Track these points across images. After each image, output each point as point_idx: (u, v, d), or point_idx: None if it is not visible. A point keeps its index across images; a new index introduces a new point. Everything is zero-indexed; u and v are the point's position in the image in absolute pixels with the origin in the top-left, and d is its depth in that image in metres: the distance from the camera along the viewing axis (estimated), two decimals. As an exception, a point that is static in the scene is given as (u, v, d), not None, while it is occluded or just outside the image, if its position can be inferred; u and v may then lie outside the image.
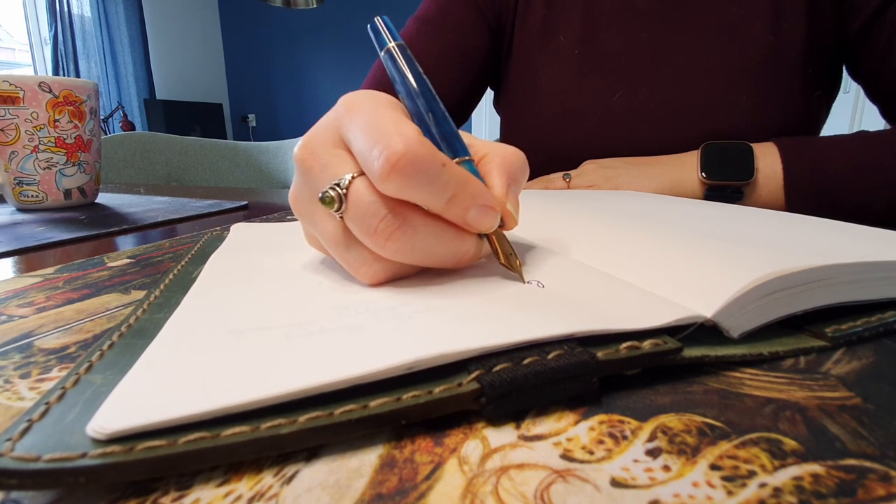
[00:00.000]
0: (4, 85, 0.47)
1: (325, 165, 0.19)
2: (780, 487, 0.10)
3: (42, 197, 0.51)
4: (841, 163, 0.41)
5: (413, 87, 0.21)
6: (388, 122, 0.18)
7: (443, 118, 0.21)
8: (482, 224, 0.19)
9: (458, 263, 0.20)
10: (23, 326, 0.20)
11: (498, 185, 0.20)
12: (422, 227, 0.18)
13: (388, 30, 0.23)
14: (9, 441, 0.11)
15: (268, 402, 0.12)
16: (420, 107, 0.21)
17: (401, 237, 0.18)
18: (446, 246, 0.19)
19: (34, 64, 2.79)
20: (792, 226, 0.24)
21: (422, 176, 0.17)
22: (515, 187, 0.20)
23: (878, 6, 0.44)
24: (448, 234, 0.19)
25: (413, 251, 0.18)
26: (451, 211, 0.18)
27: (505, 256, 0.20)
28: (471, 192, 0.18)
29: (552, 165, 0.53)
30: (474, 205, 0.18)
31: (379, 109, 0.19)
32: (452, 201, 0.18)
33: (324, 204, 0.18)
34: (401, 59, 0.22)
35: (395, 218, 0.18)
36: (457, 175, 0.18)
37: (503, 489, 0.11)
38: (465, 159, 0.20)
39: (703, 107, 0.49)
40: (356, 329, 0.15)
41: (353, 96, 0.20)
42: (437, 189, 0.17)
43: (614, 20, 0.53)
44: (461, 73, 0.57)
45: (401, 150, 0.16)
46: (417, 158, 0.17)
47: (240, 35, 3.63)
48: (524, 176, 0.21)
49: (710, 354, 0.15)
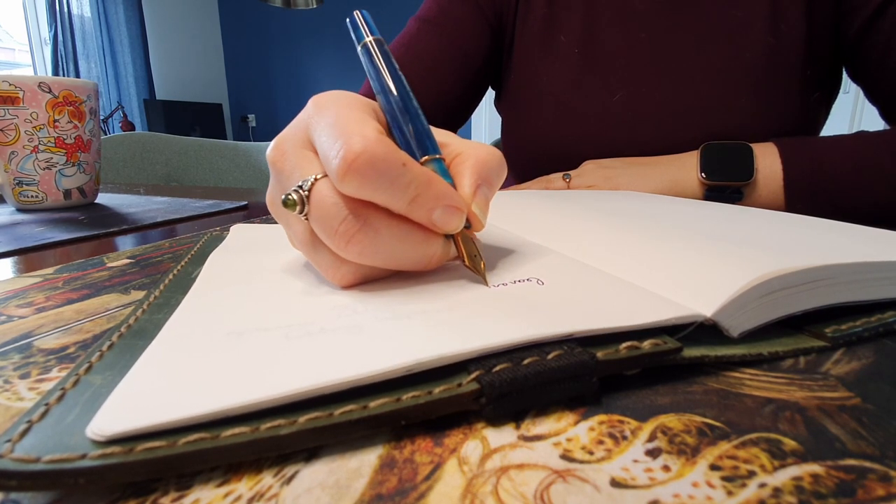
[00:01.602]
0: (4, 85, 0.47)
1: (293, 166, 0.19)
2: (779, 487, 0.10)
3: (42, 197, 0.51)
4: (841, 163, 0.41)
5: (387, 83, 0.21)
6: (349, 121, 0.17)
7: (415, 115, 0.20)
8: (447, 225, 0.18)
9: (426, 265, 0.19)
10: (22, 327, 0.20)
11: (466, 185, 0.19)
12: (384, 229, 0.18)
13: (367, 24, 0.23)
14: (8, 442, 0.11)
15: (268, 404, 0.12)
16: (393, 103, 0.20)
17: (362, 239, 0.17)
18: (411, 248, 0.18)
19: (34, 64, 2.79)
20: (792, 226, 0.24)
21: (381, 176, 0.17)
22: (486, 188, 0.20)
23: (877, 8, 0.44)
24: (413, 236, 0.18)
25: (377, 253, 0.18)
26: (416, 212, 0.18)
27: (469, 258, 0.19)
28: (434, 192, 0.18)
29: (552, 165, 0.53)
30: (439, 205, 0.18)
31: (344, 109, 0.18)
32: (416, 202, 0.17)
33: (286, 206, 0.18)
34: (377, 54, 0.22)
35: (356, 220, 0.17)
36: (419, 175, 0.17)
37: (503, 489, 0.11)
38: (435, 158, 0.20)
39: (702, 108, 0.49)
40: (355, 329, 0.15)
41: (322, 96, 0.20)
42: (398, 189, 0.17)
43: (614, 21, 0.53)
44: (462, 73, 0.57)
45: (358, 150, 0.16)
46: (375, 158, 0.16)
47: (240, 35, 3.63)
48: (498, 177, 0.21)
49: (709, 354, 0.15)
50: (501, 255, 0.23)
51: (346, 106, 0.19)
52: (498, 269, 0.21)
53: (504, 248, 0.24)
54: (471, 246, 0.19)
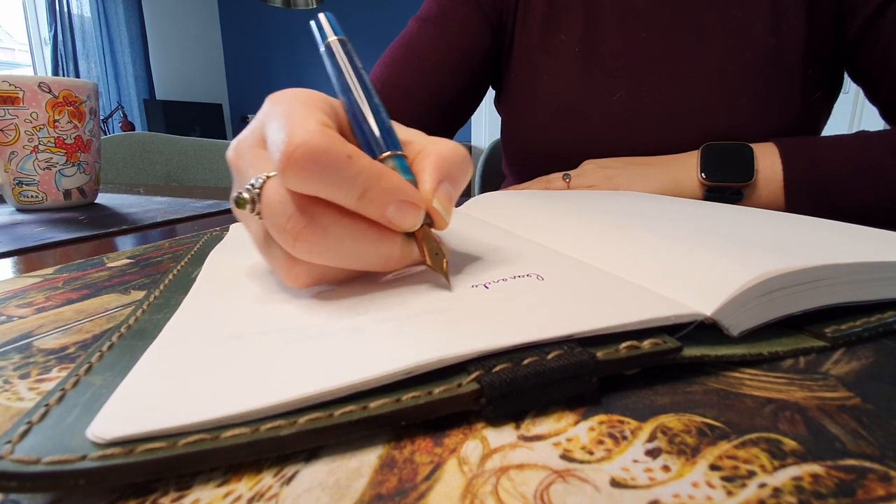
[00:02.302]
0: (4, 85, 0.47)
1: (248, 165, 0.19)
2: (779, 488, 0.10)
3: (42, 197, 0.51)
4: (841, 164, 0.41)
5: (348, 80, 0.21)
6: (295, 115, 0.17)
7: (376, 111, 0.20)
8: (403, 222, 0.18)
9: (384, 266, 0.19)
10: (22, 327, 0.20)
11: (427, 180, 0.19)
12: (334, 227, 0.17)
13: (331, 25, 0.23)
14: (8, 443, 0.11)
15: (268, 411, 0.12)
16: (354, 101, 0.20)
17: (309, 237, 0.17)
18: (365, 247, 0.18)
19: (34, 64, 2.79)
20: (792, 226, 0.24)
21: (323, 169, 0.16)
22: (449, 185, 0.19)
23: (877, 8, 0.44)
24: (367, 235, 0.18)
25: (327, 252, 0.17)
26: (368, 208, 0.17)
27: (431, 257, 0.18)
28: (385, 186, 0.17)
29: (552, 164, 0.53)
30: (392, 201, 0.17)
31: (294, 104, 0.18)
32: (366, 197, 0.17)
33: (238, 206, 0.18)
34: (339, 54, 0.22)
35: (303, 216, 0.17)
36: (366, 168, 0.17)
37: (503, 489, 0.11)
38: (396, 154, 0.19)
39: (703, 108, 0.49)
40: (355, 332, 0.15)
41: (277, 93, 0.20)
42: (343, 183, 0.16)
43: (614, 20, 0.53)
44: (462, 72, 0.57)
45: (297, 142, 0.16)
46: (316, 150, 0.16)
47: (240, 35, 3.62)
48: (462, 173, 0.20)
49: (709, 354, 0.15)
50: (501, 253, 0.23)
51: (298, 102, 0.18)
52: (498, 266, 0.21)
53: (504, 247, 0.24)
54: (433, 244, 0.19)
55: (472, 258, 0.22)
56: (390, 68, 0.56)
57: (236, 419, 0.12)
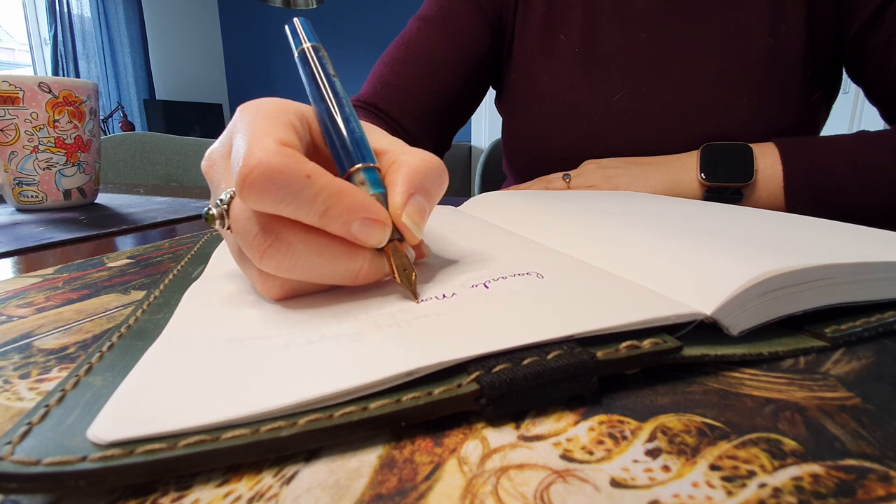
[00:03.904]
0: (4, 85, 0.47)
1: (220, 178, 0.19)
2: (779, 488, 0.10)
3: (42, 197, 0.51)
4: (841, 164, 0.41)
5: (321, 89, 0.20)
6: (257, 132, 0.17)
7: (347, 121, 0.20)
8: (368, 238, 0.17)
9: (352, 281, 0.18)
10: (22, 327, 0.20)
11: (396, 194, 0.18)
12: (299, 244, 0.17)
13: (305, 32, 0.22)
14: (9, 444, 0.11)
15: (269, 415, 0.12)
16: (326, 110, 0.20)
17: (274, 255, 0.17)
18: (331, 263, 0.17)
19: (34, 64, 2.79)
20: (792, 226, 0.24)
21: (280, 189, 0.16)
22: (421, 198, 0.19)
23: (876, 8, 0.44)
24: (332, 251, 0.17)
25: (294, 268, 0.17)
26: (331, 225, 0.17)
27: (399, 273, 0.18)
28: (347, 204, 0.17)
29: (552, 164, 0.53)
30: (355, 218, 0.17)
31: (258, 118, 0.18)
32: (328, 215, 0.17)
33: (206, 221, 0.18)
34: (313, 61, 0.21)
35: (267, 235, 0.17)
36: (326, 186, 0.16)
37: (503, 489, 0.11)
38: (367, 167, 0.19)
39: (703, 107, 0.49)
40: (356, 337, 0.15)
41: (247, 104, 0.19)
42: (303, 203, 0.16)
43: (613, 20, 0.53)
44: (462, 72, 0.57)
45: (252, 163, 0.15)
46: (271, 171, 0.15)
47: (240, 35, 3.62)
48: (436, 185, 0.20)
49: (709, 353, 0.15)
50: (501, 252, 0.23)
51: (263, 114, 0.18)
52: (498, 265, 0.21)
53: (504, 246, 0.24)
54: (402, 259, 0.18)
55: (473, 257, 0.22)
56: (390, 68, 0.56)
57: (237, 422, 0.12)
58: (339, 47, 3.12)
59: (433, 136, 0.59)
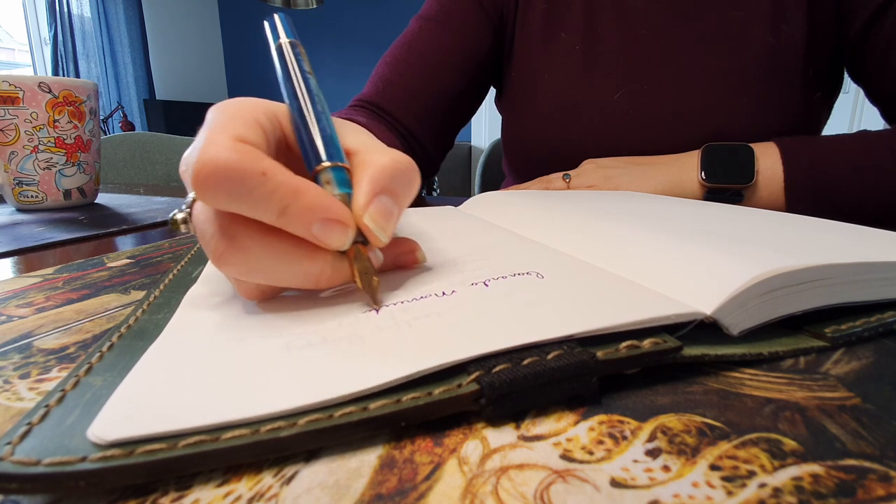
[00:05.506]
0: (4, 85, 0.47)
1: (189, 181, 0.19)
2: (779, 488, 0.10)
3: (42, 197, 0.51)
4: (842, 164, 0.41)
5: (294, 85, 0.20)
6: (215, 129, 0.16)
7: (318, 119, 0.19)
8: (328, 240, 0.17)
9: (314, 284, 0.18)
10: (22, 327, 0.20)
11: (360, 194, 0.18)
12: (255, 247, 0.16)
13: (284, 27, 0.22)
14: (9, 445, 0.11)
15: (269, 417, 0.12)
16: (297, 107, 0.20)
17: (230, 257, 0.16)
18: (290, 266, 0.17)
19: (34, 64, 2.79)
20: (792, 225, 0.24)
21: (234, 186, 0.15)
22: (387, 199, 0.18)
23: (877, 8, 0.44)
24: (291, 253, 0.17)
25: (253, 271, 0.17)
26: (290, 226, 0.16)
27: (361, 277, 0.17)
28: (305, 204, 0.16)
29: (552, 163, 0.53)
30: (314, 219, 0.16)
31: (220, 117, 0.17)
32: (286, 214, 0.16)
33: (171, 227, 0.18)
34: (289, 57, 0.21)
35: (224, 237, 0.16)
36: (283, 184, 0.16)
37: (503, 489, 0.11)
38: (334, 166, 0.18)
39: (704, 107, 0.49)
40: (356, 340, 0.15)
41: (218, 104, 0.19)
42: (258, 200, 0.16)
43: (614, 18, 0.53)
44: (464, 71, 0.57)
45: (204, 160, 0.15)
46: (224, 167, 0.15)
47: (240, 35, 3.62)
48: (405, 186, 0.19)
49: (709, 353, 0.15)
50: (501, 251, 0.23)
51: (228, 113, 0.18)
52: (498, 264, 0.21)
53: (504, 245, 0.24)
54: (364, 263, 0.17)
55: (473, 256, 0.22)
56: (392, 67, 0.56)
57: (237, 423, 0.12)
58: (339, 47, 3.12)
59: (435, 135, 0.59)
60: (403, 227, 0.31)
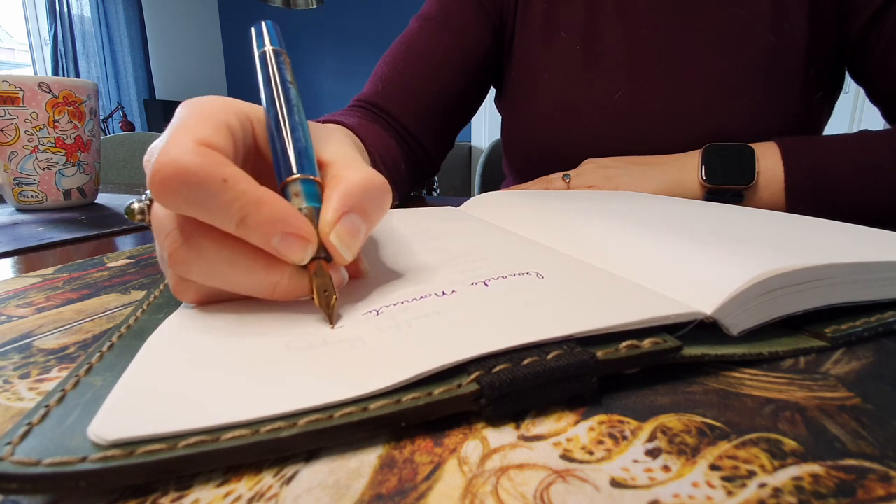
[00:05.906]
0: (4, 85, 0.47)
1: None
2: (779, 487, 0.10)
3: (42, 197, 0.51)
4: (843, 164, 0.41)
5: (273, 94, 0.20)
6: (180, 129, 0.16)
7: (294, 130, 0.19)
8: (288, 254, 0.16)
9: (269, 294, 0.17)
10: (22, 327, 0.20)
11: (328, 210, 0.17)
12: (211, 251, 0.16)
13: (270, 34, 0.22)
14: (9, 445, 0.11)
15: (269, 418, 0.12)
16: (274, 116, 0.19)
17: (182, 257, 0.16)
18: (245, 274, 0.16)
19: (34, 64, 2.79)
20: (792, 225, 0.24)
21: (193, 190, 0.15)
22: (356, 217, 0.17)
23: (878, 8, 0.44)
24: (247, 262, 0.16)
25: (204, 275, 0.16)
26: (249, 236, 0.16)
27: (318, 294, 0.16)
28: (266, 215, 0.15)
29: (552, 163, 0.53)
30: (274, 231, 0.16)
31: (188, 116, 0.17)
32: (245, 224, 0.15)
33: (127, 215, 0.18)
34: (271, 65, 0.21)
35: (180, 236, 0.16)
36: (244, 193, 0.15)
37: (503, 489, 0.11)
38: (306, 178, 0.18)
39: (704, 106, 0.49)
40: (356, 341, 0.15)
41: (189, 100, 0.18)
42: (217, 207, 0.15)
43: (615, 18, 0.53)
44: (464, 71, 0.57)
45: (164, 161, 0.15)
46: (182, 171, 0.15)
47: (240, 35, 3.62)
48: (376, 205, 0.18)
49: (709, 353, 0.15)
50: (502, 251, 0.23)
51: (198, 112, 0.17)
52: (498, 264, 0.21)
53: (504, 245, 0.24)
54: (324, 279, 0.17)
55: (473, 256, 0.22)
56: (392, 67, 0.56)
57: (238, 425, 0.12)
58: (339, 47, 3.12)
59: (435, 135, 0.59)
60: (402, 227, 0.31)
